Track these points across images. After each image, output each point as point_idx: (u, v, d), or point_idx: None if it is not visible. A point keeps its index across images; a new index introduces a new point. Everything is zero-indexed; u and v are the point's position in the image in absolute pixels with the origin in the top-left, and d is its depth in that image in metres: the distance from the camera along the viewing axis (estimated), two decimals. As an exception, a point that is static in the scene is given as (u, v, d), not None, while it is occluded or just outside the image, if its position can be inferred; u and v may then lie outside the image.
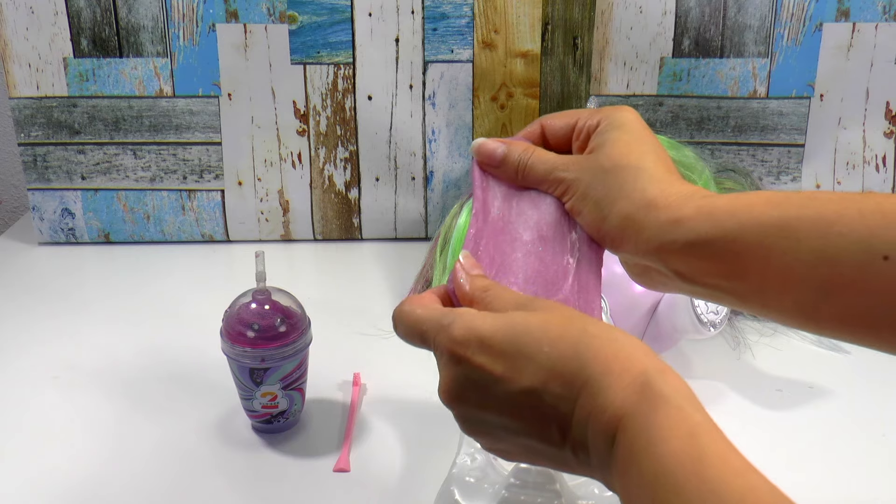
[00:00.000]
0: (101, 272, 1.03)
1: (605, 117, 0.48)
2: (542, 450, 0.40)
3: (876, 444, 0.69)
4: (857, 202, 0.39)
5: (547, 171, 0.48)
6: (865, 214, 0.38)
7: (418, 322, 0.43)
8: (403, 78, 1.02)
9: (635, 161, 0.45)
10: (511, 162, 0.49)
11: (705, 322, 0.71)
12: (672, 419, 0.35)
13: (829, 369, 0.79)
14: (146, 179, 1.05)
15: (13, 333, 0.87)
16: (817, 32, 0.97)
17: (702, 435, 0.34)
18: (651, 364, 0.38)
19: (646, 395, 0.36)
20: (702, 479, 0.33)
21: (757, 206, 0.40)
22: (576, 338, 0.39)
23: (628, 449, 0.35)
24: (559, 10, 0.99)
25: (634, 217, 0.43)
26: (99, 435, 0.70)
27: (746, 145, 1.02)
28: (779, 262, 0.39)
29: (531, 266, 0.48)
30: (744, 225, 0.40)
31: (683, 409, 0.35)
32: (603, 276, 0.76)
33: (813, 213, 0.39)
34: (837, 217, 0.38)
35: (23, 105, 1.02)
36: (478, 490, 0.56)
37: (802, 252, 0.39)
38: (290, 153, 1.05)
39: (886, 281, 0.37)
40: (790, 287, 0.40)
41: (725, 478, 0.33)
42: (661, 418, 0.35)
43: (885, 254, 0.37)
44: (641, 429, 0.35)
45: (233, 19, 0.99)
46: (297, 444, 0.69)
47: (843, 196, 0.39)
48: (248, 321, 0.66)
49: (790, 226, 0.39)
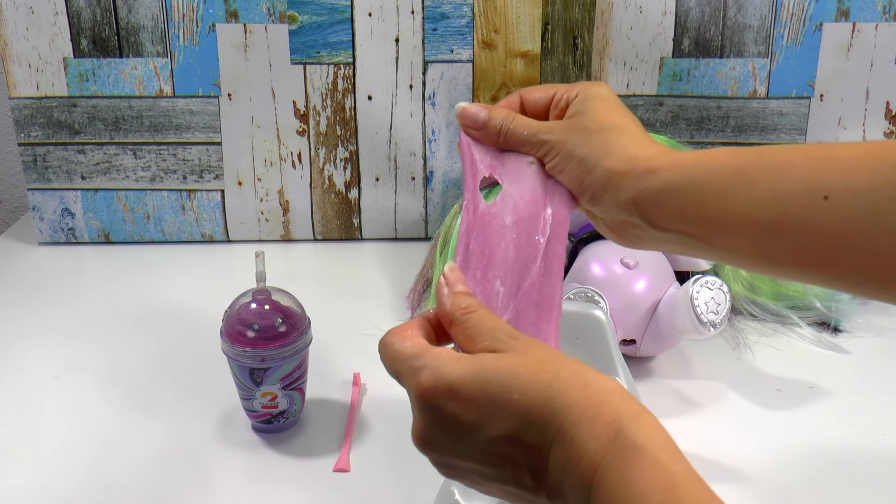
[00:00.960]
0: (101, 272, 1.03)
1: (583, 89, 0.51)
2: (519, 494, 0.40)
3: (876, 444, 0.69)
4: (806, 150, 0.43)
5: (530, 134, 0.51)
6: (812, 160, 0.42)
7: (394, 360, 0.43)
8: (403, 78, 1.02)
9: (618, 123, 0.49)
10: (493, 125, 0.52)
11: (705, 322, 0.71)
12: (648, 473, 0.34)
13: (829, 369, 0.79)
14: (146, 179, 1.05)
15: (13, 333, 0.87)
16: (817, 32, 0.97)
17: (679, 489, 0.34)
18: (625, 409, 0.37)
19: (620, 446, 0.35)
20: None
21: (719, 157, 0.45)
22: (547, 384, 0.38)
23: (606, 503, 0.35)
24: (559, 10, 0.99)
25: (616, 169, 0.47)
26: (99, 435, 0.70)
27: (746, 145, 1.02)
28: (736, 204, 0.43)
29: (510, 255, 0.49)
30: (707, 173, 0.44)
31: (659, 460, 0.35)
32: (603, 275, 0.76)
33: (767, 161, 0.43)
34: (787, 163, 0.43)
35: (23, 105, 1.02)
36: (478, 490, 0.56)
37: (756, 194, 0.43)
38: (290, 153, 1.05)
39: (827, 219, 0.41)
40: (746, 228, 0.43)
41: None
42: (637, 472, 0.35)
43: (825, 194, 0.41)
44: (617, 483, 0.35)
45: (233, 19, 0.99)
46: (297, 444, 0.69)
47: (795, 146, 0.44)
48: (248, 321, 0.66)
49: (747, 172, 0.43)
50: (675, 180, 0.45)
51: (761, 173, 0.43)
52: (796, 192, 0.42)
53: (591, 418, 0.37)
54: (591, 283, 0.75)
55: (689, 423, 0.71)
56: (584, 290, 0.72)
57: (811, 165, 0.42)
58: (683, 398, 0.75)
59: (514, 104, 0.54)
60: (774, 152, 0.44)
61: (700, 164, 0.45)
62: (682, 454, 0.36)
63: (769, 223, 0.42)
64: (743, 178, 0.43)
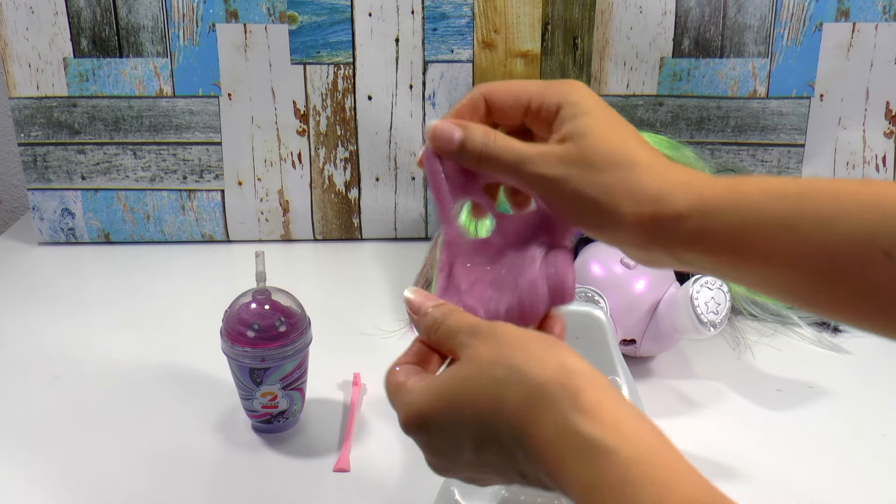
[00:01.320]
0: (101, 272, 1.03)
1: (563, 98, 0.44)
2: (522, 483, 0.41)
3: (876, 444, 0.69)
4: (854, 194, 0.38)
5: (517, 163, 0.43)
6: (865, 208, 0.38)
7: (388, 391, 0.44)
8: (403, 78, 1.02)
9: (624, 153, 0.42)
10: (472, 148, 0.44)
11: (705, 322, 0.71)
12: (599, 470, 0.34)
13: (829, 369, 0.79)
14: (146, 179, 1.05)
15: (13, 333, 0.87)
16: (817, 32, 0.97)
17: (633, 482, 0.33)
18: (566, 400, 0.36)
19: (569, 444, 0.35)
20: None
21: (754, 199, 0.40)
22: (489, 393, 0.38)
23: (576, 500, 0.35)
24: (559, 10, 0.99)
25: (642, 215, 0.41)
26: (99, 434, 0.70)
27: (746, 145, 1.02)
28: (780, 255, 0.39)
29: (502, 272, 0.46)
30: (746, 221, 0.40)
31: (608, 452, 0.34)
32: (603, 275, 0.76)
33: (814, 209, 0.39)
34: (839, 212, 0.38)
35: (23, 105, 1.02)
36: (478, 490, 0.56)
37: (804, 246, 0.39)
38: (290, 153, 1.05)
39: (887, 276, 0.37)
40: (791, 277, 0.40)
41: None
42: (590, 473, 0.34)
43: (886, 250, 0.37)
44: (575, 484, 0.35)
45: (233, 19, 0.99)
46: (297, 444, 0.69)
47: (839, 188, 0.39)
48: (248, 321, 0.66)
49: (791, 222, 0.39)
50: (709, 227, 0.40)
51: (809, 223, 0.38)
52: (853, 247, 0.38)
53: (535, 419, 0.37)
54: (591, 283, 0.75)
55: (689, 423, 0.71)
56: (584, 290, 0.72)
57: (867, 216, 0.37)
58: (683, 398, 0.75)
59: (477, 107, 0.46)
60: (818, 196, 0.39)
61: (736, 208, 0.40)
62: (634, 425, 0.35)
63: (819, 275, 0.39)
64: (787, 229, 0.39)
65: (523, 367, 0.38)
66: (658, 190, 0.41)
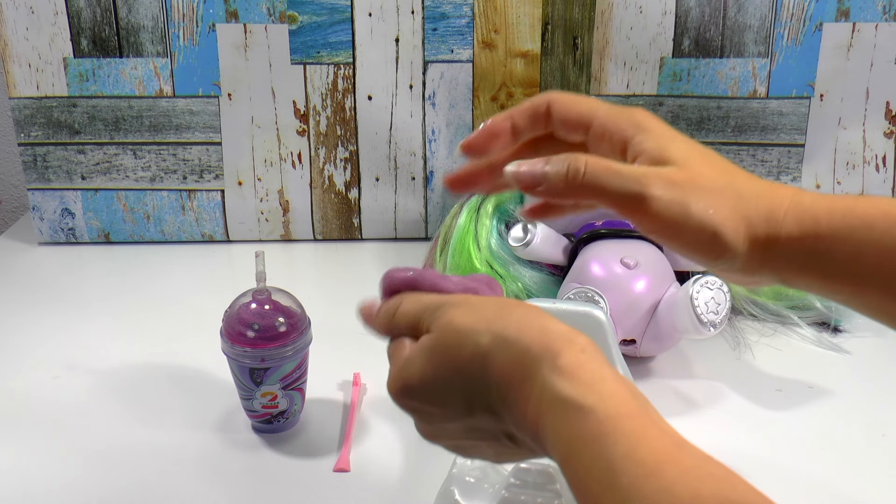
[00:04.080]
0: (101, 272, 1.03)
1: (638, 128, 0.42)
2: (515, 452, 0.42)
3: (876, 444, 0.69)
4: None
5: (631, 183, 0.40)
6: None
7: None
8: (403, 78, 1.02)
9: (725, 177, 0.41)
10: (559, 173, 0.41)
11: (705, 322, 0.71)
12: (576, 426, 0.35)
13: (829, 369, 0.79)
14: (146, 179, 1.05)
15: (13, 333, 0.87)
16: (817, 32, 0.97)
17: (606, 436, 0.34)
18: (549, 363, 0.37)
19: (551, 405, 0.36)
20: (615, 490, 0.33)
21: (878, 226, 0.38)
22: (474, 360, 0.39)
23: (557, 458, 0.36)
24: (559, 10, 0.99)
25: (756, 236, 0.40)
26: (99, 435, 0.70)
27: (746, 145, 1.02)
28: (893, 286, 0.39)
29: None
30: (865, 248, 0.39)
31: (585, 410, 0.35)
32: (603, 275, 0.76)
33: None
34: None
35: (23, 105, 1.02)
36: (478, 490, 0.56)
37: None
38: (290, 153, 1.05)
39: None
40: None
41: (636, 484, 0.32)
42: (568, 430, 0.35)
43: None
44: (555, 442, 0.36)
45: (233, 19, 0.99)
46: (297, 444, 0.69)
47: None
48: (248, 321, 0.66)
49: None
50: (825, 251, 0.39)
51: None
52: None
53: (520, 382, 0.38)
54: (591, 283, 0.75)
55: (689, 423, 0.71)
56: (584, 290, 0.72)
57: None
58: (683, 398, 0.75)
59: (538, 113, 0.45)
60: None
61: (855, 235, 0.39)
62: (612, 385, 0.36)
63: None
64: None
65: (507, 332, 0.39)
66: (769, 212, 0.40)
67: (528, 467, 0.54)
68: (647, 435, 0.34)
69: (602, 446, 0.34)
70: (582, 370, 0.36)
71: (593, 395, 0.35)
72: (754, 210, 0.40)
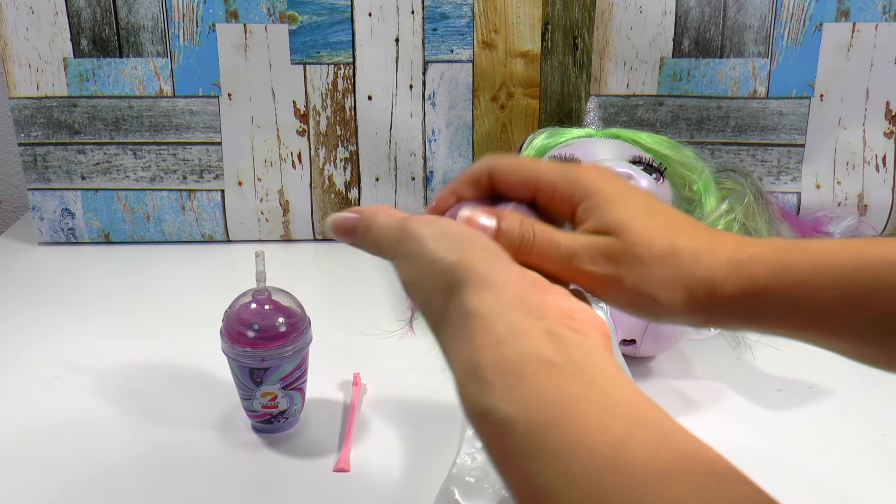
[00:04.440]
0: (101, 272, 1.03)
1: (584, 193, 0.42)
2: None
3: (876, 444, 0.69)
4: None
5: (564, 259, 0.41)
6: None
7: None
8: (403, 78, 1.02)
9: (666, 242, 0.41)
10: (509, 241, 0.41)
11: (705, 322, 0.71)
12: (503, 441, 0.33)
13: (829, 369, 0.79)
14: (146, 179, 1.05)
15: (13, 333, 0.87)
16: (817, 32, 0.97)
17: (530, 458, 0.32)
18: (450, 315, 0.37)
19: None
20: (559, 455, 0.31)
21: (810, 278, 0.39)
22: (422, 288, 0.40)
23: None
24: (559, 10, 0.99)
25: (696, 302, 0.41)
26: (99, 435, 0.70)
27: (746, 145, 1.02)
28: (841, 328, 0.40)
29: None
30: (800, 301, 0.39)
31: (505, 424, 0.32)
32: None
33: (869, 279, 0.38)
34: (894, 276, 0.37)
35: (23, 105, 1.02)
36: (478, 490, 0.56)
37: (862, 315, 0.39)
38: (290, 153, 1.05)
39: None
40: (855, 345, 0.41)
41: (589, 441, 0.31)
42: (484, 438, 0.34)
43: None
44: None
45: (233, 19, 0.99)
46: (297, 444, 0.69)
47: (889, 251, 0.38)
48: (248, 321, 0.66)
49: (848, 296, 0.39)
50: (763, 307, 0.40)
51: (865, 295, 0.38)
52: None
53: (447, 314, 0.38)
54: (591, 283, 0.75)
55: (689, 423, 0.71)
56: (583, 290, 0.72)
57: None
58: (683, 398, 0.75)
59: (480, 182, 0.44)
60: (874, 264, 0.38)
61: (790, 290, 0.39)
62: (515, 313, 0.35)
63: (890, 339, 0.39)
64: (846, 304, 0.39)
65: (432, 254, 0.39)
66: (707, 277, 0.40)
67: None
68: (581, 441, 0.31)
69: (531, 467, 0.31)
70: (495, 371, 0.34)
71: (509, 403, 0.33)
72: (692, 277, 0.40)
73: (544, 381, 0.33)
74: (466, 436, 0.62)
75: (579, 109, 1.02)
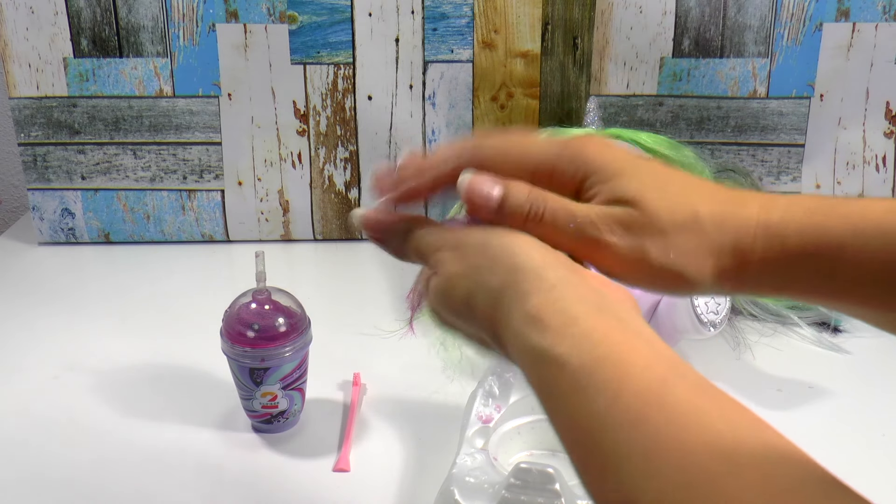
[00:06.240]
0: (101, 272, 1.03)
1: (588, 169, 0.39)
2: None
3: (876, 444, 0.69)
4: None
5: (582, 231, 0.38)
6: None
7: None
8: (403, 78, 1.02)
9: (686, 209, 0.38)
10: (516, 207, 0.38)
11: (705, 322, 0.71)
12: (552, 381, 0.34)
13: (829, 369, 0.79)
14: (146, 179, 1.05)
15: (13, 333, 0.87)
16: (817, 32, 0.97)
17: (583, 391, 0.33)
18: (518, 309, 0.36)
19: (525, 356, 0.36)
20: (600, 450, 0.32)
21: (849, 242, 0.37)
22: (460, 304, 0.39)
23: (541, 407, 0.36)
24: (559, 10, 0.99)
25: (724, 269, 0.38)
26: (99, 435, 0.70)
27: (746, 145, 1.02)
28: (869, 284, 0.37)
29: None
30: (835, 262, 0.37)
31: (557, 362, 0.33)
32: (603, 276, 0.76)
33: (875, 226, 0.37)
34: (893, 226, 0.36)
35: (23, 105, 1.02)
36: (478, 490, 0.56)
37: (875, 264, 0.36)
38: (290, 153, 1.05)
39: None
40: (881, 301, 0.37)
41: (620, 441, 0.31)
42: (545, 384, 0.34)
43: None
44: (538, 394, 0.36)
45: (233, 19, 0.99)
46: (297, 444, 0.69)
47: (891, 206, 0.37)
48: (248, 321, 0.66)
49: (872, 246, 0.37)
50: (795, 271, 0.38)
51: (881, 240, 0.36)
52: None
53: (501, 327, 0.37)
54: (591, 283, 0.75)
55: (689, 423, 0.71)
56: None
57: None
58: (683, 398, 0.75)
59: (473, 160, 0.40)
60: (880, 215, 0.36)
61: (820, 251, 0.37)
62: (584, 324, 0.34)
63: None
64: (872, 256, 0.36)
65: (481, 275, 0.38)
66: (734, 242, 0.38)
67: (528, 467, 0.54)
68: (629, 374, 0.32)
69: (580, 400, 0.32)
70: (550, 312, 0.35)
71: (564, 342, 0.33)
72: (719, 244, 0.38)
73: (594, 322, 0.34)
74: (466, 436, 0.62)
75: (579, 109, 1.02)
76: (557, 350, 0.33)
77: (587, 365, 0.33)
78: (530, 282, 0.36)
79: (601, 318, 0.34)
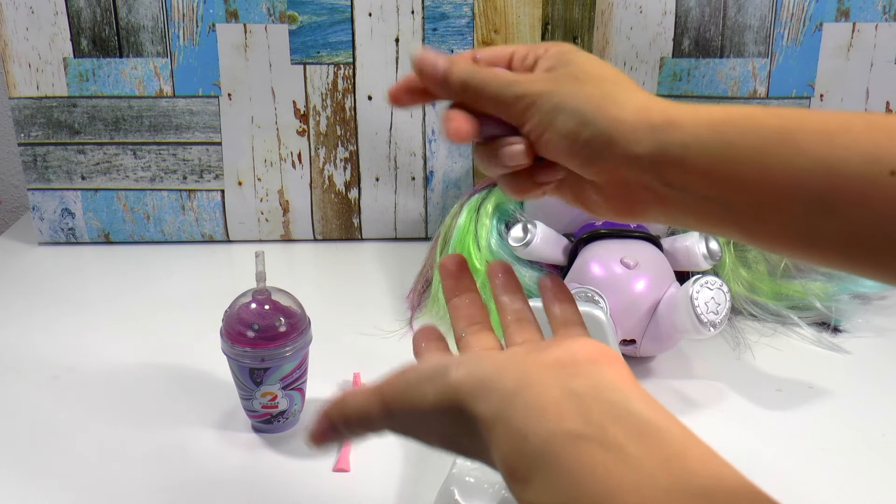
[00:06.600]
0: (101, 272, 1.03)
1: (552, 46, 0.44)
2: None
3: (876, 444, 0.69)
4: (862, 116, 0.36)
5: (503, 86, 0.43)
6: (872, 128, 0.36)
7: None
8: (403, 78, 1.02)
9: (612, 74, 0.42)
10: (457, 77, 0.44)
11: (705, 322, 0.71)
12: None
13: (829, 369, 0.79)
14: (146, 179, 1.05)
15: (13, 333, 0.87)
16: (817, 32, 0.97)
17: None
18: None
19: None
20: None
21: (756, 115, 0.38)
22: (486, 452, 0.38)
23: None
24: (559, 10, 0.99)
25: (625, 119, 0.40)
26: (99, 435, 0.70)
27: (746, 145, 1.02)
28: (779, 171, 0.37)
29: None
30: (743, 132, 0.38)
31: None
32: (603, 275, 0.76)
33: (816, 124, 0.37)
34: (842, 128, 0.36)
35: (23, 105, 1.02)
36: (478, 490, 0.56)
37: (804, 160, 0.36)
38: (290, 153, 1.05)
39: (892, 197, 0.34)
40: (790, 200, 0.37)
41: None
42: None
43: (892, 168, 0.34)
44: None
45: (233, 19, 0.99)
46: (297, 444, 0.69)
47: (845, 111, 0.37)
48: (248, 321, 0.66)
49: (791, 135, 0.37)
50: (704, 135, 0.39)
51: (810, 137, 0.36)
52: (856, 164, 0.35)
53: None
54: (591, 283, 0.75)
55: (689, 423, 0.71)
56: (584, 290, 0.72)
57: (873, 135, 0.35)
58: (683, 398, 0.75)
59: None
60: (823, 115, 0.37)
61: (732, 121, 0.38)
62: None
63: (820, 195, 0.36)
64: (787, 142, 0.37)
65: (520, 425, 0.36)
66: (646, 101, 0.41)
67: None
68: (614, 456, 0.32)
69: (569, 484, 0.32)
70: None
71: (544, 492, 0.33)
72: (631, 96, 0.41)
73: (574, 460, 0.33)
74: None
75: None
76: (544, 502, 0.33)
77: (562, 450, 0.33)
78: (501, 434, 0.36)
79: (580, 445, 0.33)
